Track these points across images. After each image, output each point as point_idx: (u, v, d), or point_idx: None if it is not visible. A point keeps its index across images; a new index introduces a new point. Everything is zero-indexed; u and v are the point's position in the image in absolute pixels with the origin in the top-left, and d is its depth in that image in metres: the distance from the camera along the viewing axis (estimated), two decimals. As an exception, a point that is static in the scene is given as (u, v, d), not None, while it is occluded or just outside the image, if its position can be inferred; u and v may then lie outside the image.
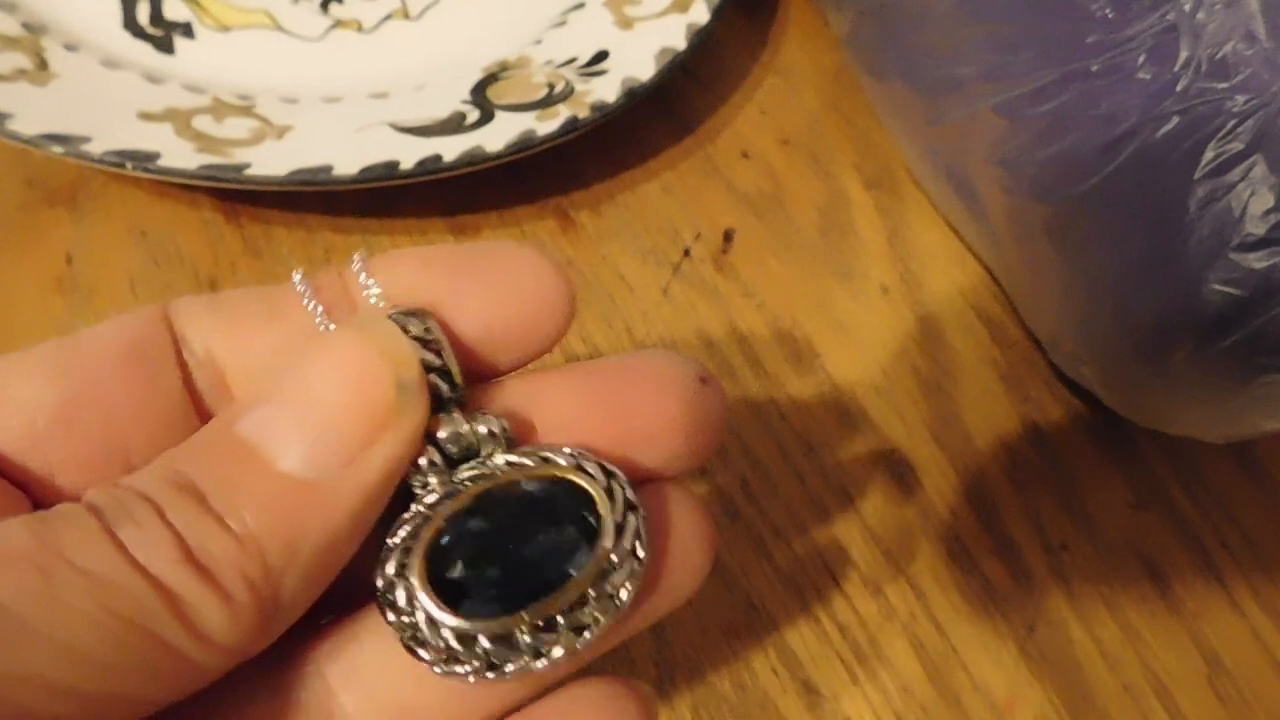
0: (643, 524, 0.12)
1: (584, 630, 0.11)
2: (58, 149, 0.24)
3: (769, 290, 0.29)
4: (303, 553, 0.10)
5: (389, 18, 0.31)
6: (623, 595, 0.11)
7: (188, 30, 0.30)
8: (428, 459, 0.12)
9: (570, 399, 0.12)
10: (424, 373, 0.11)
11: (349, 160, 0.25)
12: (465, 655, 0.11)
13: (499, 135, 0.26)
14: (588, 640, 0.11)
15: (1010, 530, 0.26)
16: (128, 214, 0.28)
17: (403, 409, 0.11)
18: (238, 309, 0.13)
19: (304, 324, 0.12)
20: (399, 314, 0.12)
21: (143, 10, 0.30)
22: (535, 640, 0.11)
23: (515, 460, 0.12)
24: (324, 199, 0.29)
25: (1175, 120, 0.19)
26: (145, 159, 0.24)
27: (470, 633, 0.11)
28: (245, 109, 0.27)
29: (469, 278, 0.12)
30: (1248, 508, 0.27)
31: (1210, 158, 0.19)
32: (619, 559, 0.11)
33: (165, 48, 0.29)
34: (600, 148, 0.30)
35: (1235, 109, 0.18)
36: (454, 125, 0.27)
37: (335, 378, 0.11)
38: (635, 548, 0.12)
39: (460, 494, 0.12)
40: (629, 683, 0.12)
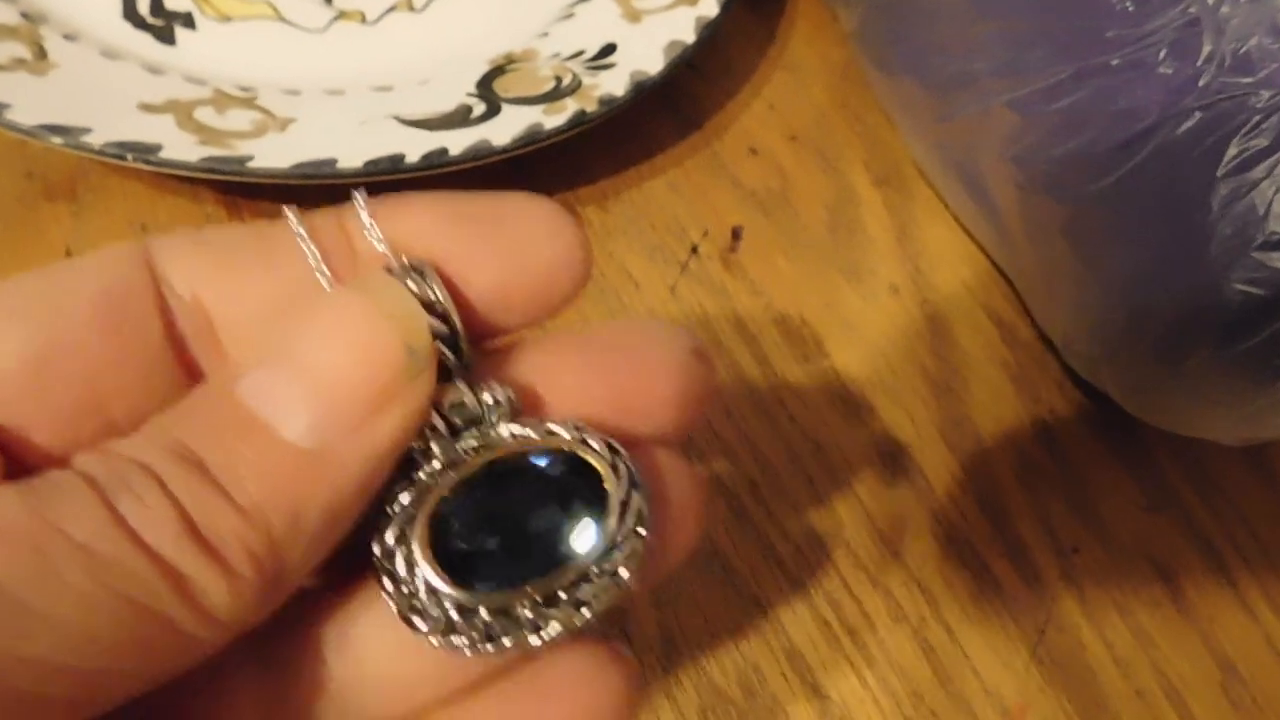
0: (646, 502, 0.11)
1: (583, 606, 0.11)
2: (57, 140, 0.23)
3: (777, 288, 0.28)
4: (306, 524, 0.10)
5: (393, 9, 0.31)
6: (624, 573, 0.11)
7: (189, 21, 0.29)
8: (430, 425, 0.11)
9: (566, 368, 0.12)
10: (433, 340, 0.11)
11: (353, 153, 0.25)
12: (463, 627, 0.11)
13: (506, 129, 0.26)
14: (586, 617, 0.11)
15: (1021, 533, 0.25)
16: (128, 207, 0.28)
17: (411, 377, 0.10)
18: (227, 250, 0.12)
19: (301, 272, 0.11)
20: (402, 269, 0.11)
21: (143, 0, 0.29)
22: (535, 615, 0.11)
23: (519, 432, 0.11)
24: (327, 193, 0.28)
25: (1197, 116, 0.19)
26: (146, 151, 0.24)
27: (470, 604, 0.11)
28: (247, 101, 0.27)
29: (483, 231, 0.12)
30: (1261, 510, 0.26)
31: (1233, 154, 0.18)
32: (622, 537, 0.11)
33: (166, 38, 0.29)
34: (606, 144, 0.30)
35: (1259, 105, 0.18)
36: (460, 118, 0.26)
37: (341, 342, 0.10)
38: (638, 526, 0.11)
39: (464, 463, 0.11)
40: (611, 646, 0.12)
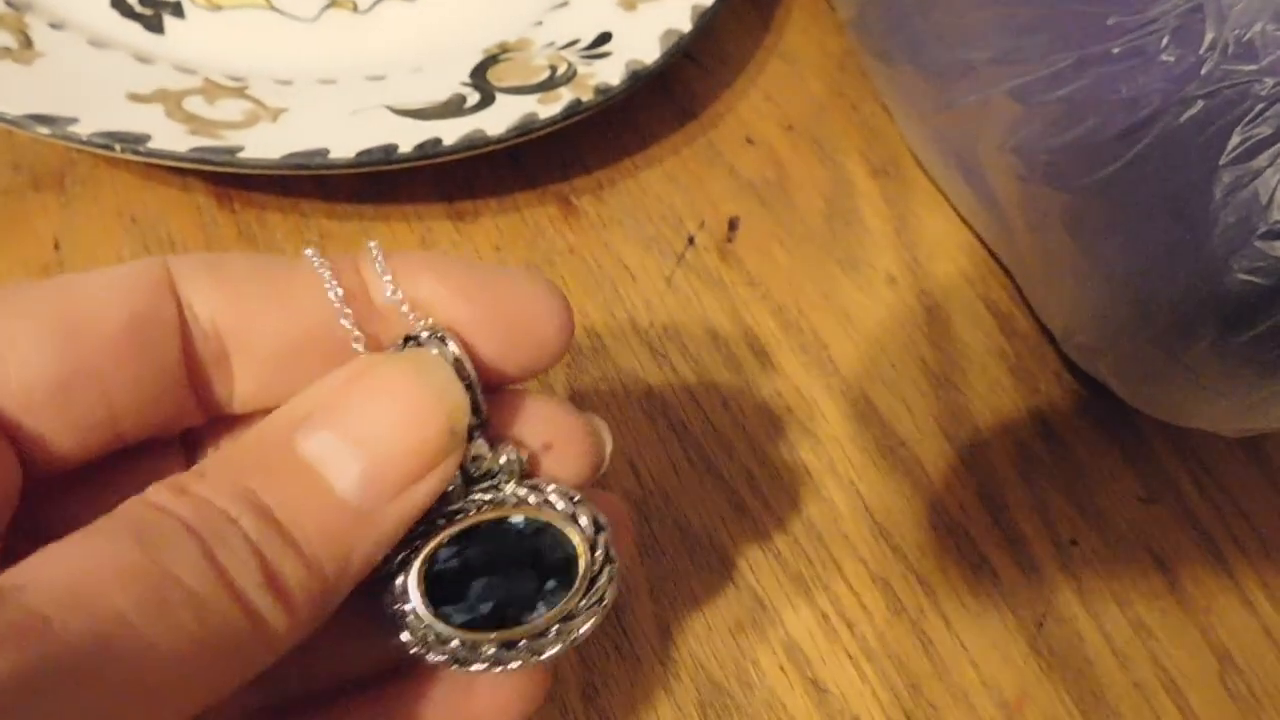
0: (614, 578, 0.13)
1: (539, 655, 0.13)
2: (44, 130, 0.23)
3: (774, 280, 0.28)
4: (351, 570, 0.12)
5: (385, -2, 0.30)
6: (582, 630, 0.13)
7: (178, 9, 0.29)
8: None
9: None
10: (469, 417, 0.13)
11: (345, 143, 0.24)
12: (439, 649, 0.13)
13: (500, 118, 0.25)
14: (543, 660, 0.13)
15: (1019, 524, 0.25)
16: (117, 198, 0.27)
17: (449, 453, 0.12)
18: (242, 281, 0.13)
19: (317, 310, 0.13)
20: (431, 337, 0.13)
21: (131, -12, 0.29)
22: (498, 653, 0.13)
23: (522, 495, 0.13)
24: (319, 183, 0.28)
25: (1200, 104, 0.19)
26: (135, 141, 0.23)
27: (446, 636, 0.13)
28: (238, 90, 0.26)
29: (491, 303, 0.13)
30: (1259, 501, 0.26)
31: (1236, 143, 0.18)
32: (586, 606, 0.13)
33: (155, 27, 0.28)
34: (601, 133, 0.30)
35: (1263, 92, 0.18)
36: (454, 108, 0.26)
37: (395, 417, 0.12)
38: (601, 600, 0.13)
39: (470, 514, 0.13)
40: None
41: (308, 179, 0.27)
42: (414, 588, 0.13)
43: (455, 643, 0.13)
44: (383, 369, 0.12)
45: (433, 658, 0.13)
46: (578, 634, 0.13)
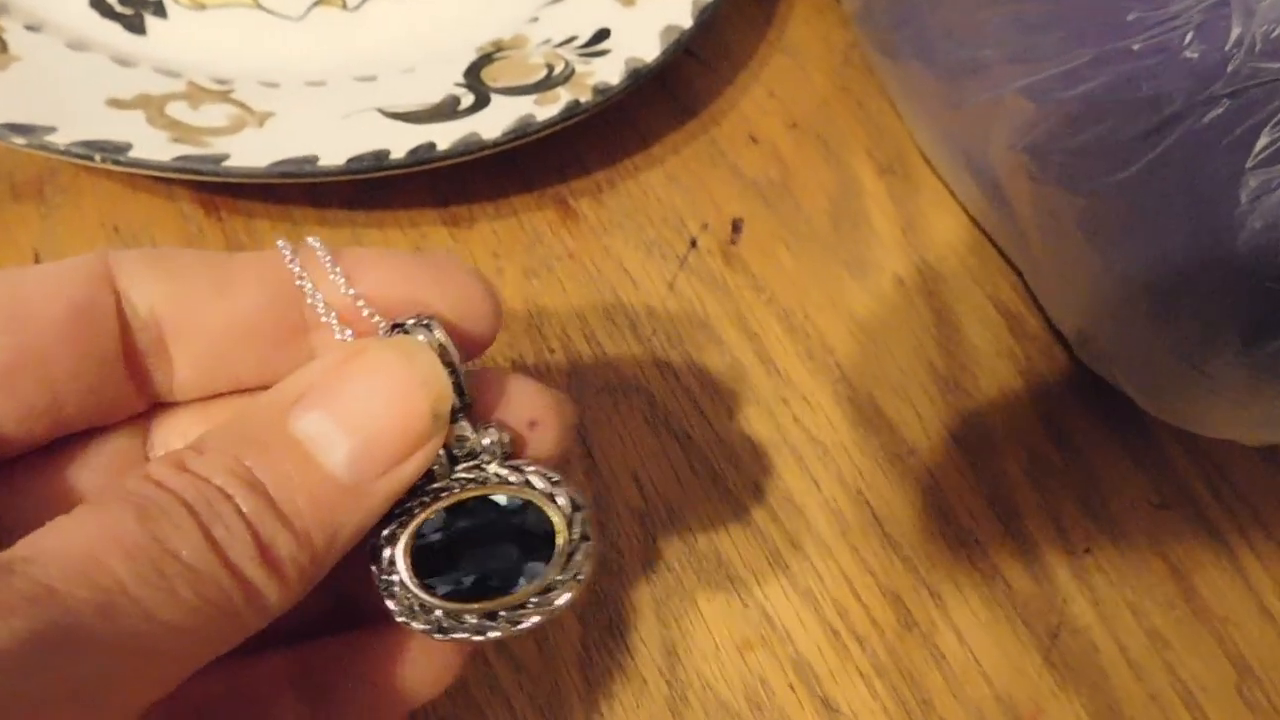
0: (591, 554, 0.14)
1: (518, 625, 0.14)
2: (19, 140, 0.22)
3: (779, 283, 0.28)
4: (338, 543, 0.12)
5: (375, -6, 0.29)
6: (558, 603, 0.14)
7: (159, 8, 0.28)
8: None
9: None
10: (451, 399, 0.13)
11: (335, 149, 0.24)
12: (424, 618, 0.13)
13: (496, 121, 0.25)
14: (521, 629, 0.14)
15: (1032, 533, 0.25)
16: (99, 208, 0.26)
17: (432, 435, 0.13)
18: (181, 273, 0.13)
19: (253, 301, 0.14)
20: (416, 323, 0.13)
21: (111, -13, 0.28)
22: (479, 623, 0.13)
23: (504, 475, 0.14)
24: (309, 190, 0.27)
25: (1225, 104, 0.18)
26: (115, 150, 0.22)
27: (430, 605, 0.13)
28: (223, 94, 0.25)
29: (435, 288, 0.14)
30: (1274, 506, 0.26)
31: (1264, 144, 0.17)
32: (561, 580, 0.14)
33: (136, 28, 0.27)
34: (600, 133, 0.29)
35: (1293, 94, 0.17)
36: (447, 111, 0.25)
37: (383, 400, 0.12)
38: (578, 574, 0.14)
39: (455, 491, 0.14)
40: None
41: (297, 186, 0.27)
42: (401, 560, 0.13)
43: (439, 612, 0.13)
44: (371, 354, 0.13)
45: (417, 626, 0.13)
46: (555, 606, 0.14)
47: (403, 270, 0.14)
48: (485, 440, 0.14)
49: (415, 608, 0.13)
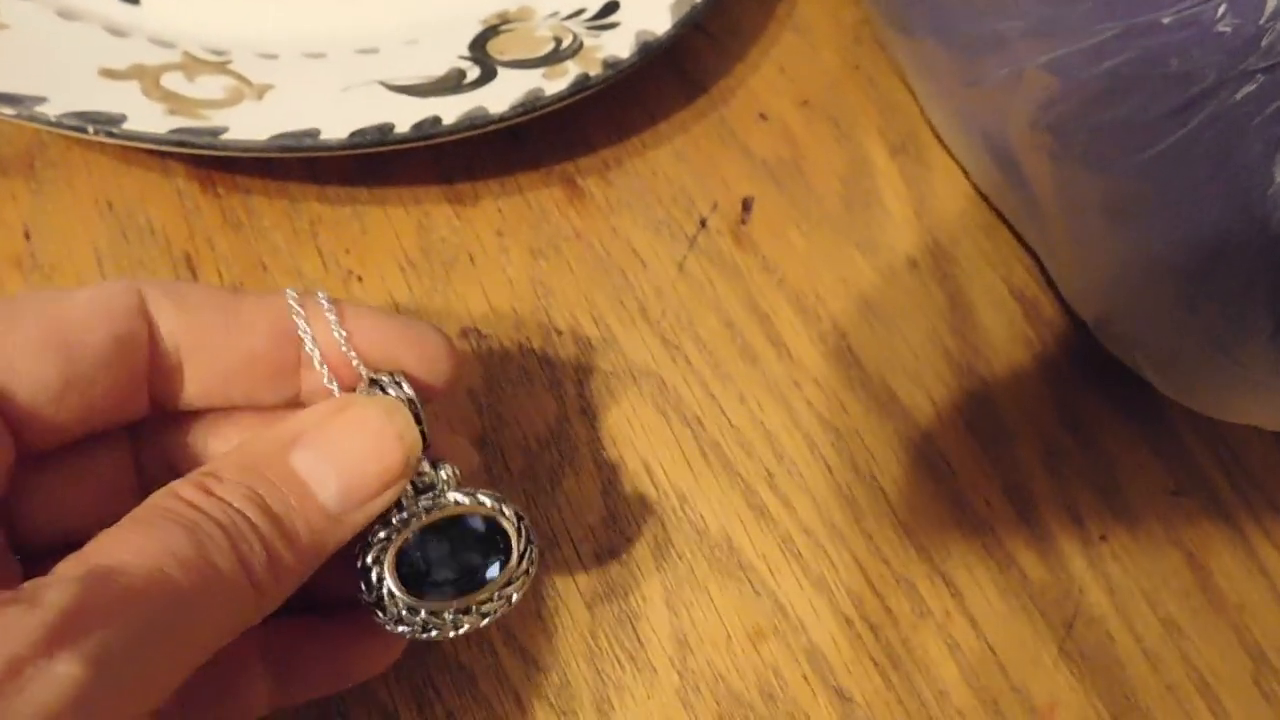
0: (536, 552, 0.18)
1: (486, 617, 0.17)
2: (9, 111, 0.21)
3: (790, 265, 0.27)
4: (322, 556, 0.15)
5: (376, -36, 0.28)
6: (514, 596, 0.18)
7: (153, -23, 0.27)
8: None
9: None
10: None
11: (337, 123, 0.23)
12: (409, 621, 0.17)
13: (502, 95, 0.24)
14: (487, 621, 0.17)
15: (1047, 521, 0.24)
16: (92, 183, 0.26)
17: (403, 476, 0.16)
18: (199, 308, 0.16)
19: (255, 339, 0.16)
20: (391, 380, 0.17)
21: (103, -46, 0.27)
22: (455, 618, 0.17)
23: (460, 499, 0.17)
24: (308, 166, 0.26)
25: (1259, 80, 0.18)
26: (109, 122, 0.22)
27: (415, 608, 0.17)
28: (220, 66, 0.25)
29: (409, 346, 0.17)
30: (1291, 494, 0.25)
31: (1302, 124, 0.17)
32: (517, 576, 0.17)
33: (129, -3, 0.26)
34: (607, 109, 0.28)
35: (1335, 69, 0.16)
36: (452, 84, 0.24)
37: (368, 448, 0.15)
38: (529, 568, 0.18)
39: (421, 516, 0.17)
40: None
41: (297, 161, 0.26)
42: (389, 576, 0.16)
43: (422, 614, 0.17)
44: (359, 409, 0.16)
45: (403, 630, 0.17)
46: (511, 599, 0.17)
47: (385, 328, 0.17)
48: (442, 474, 0.17)
49: (403, 614, 0.16)
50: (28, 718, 0.11)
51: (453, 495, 0.17)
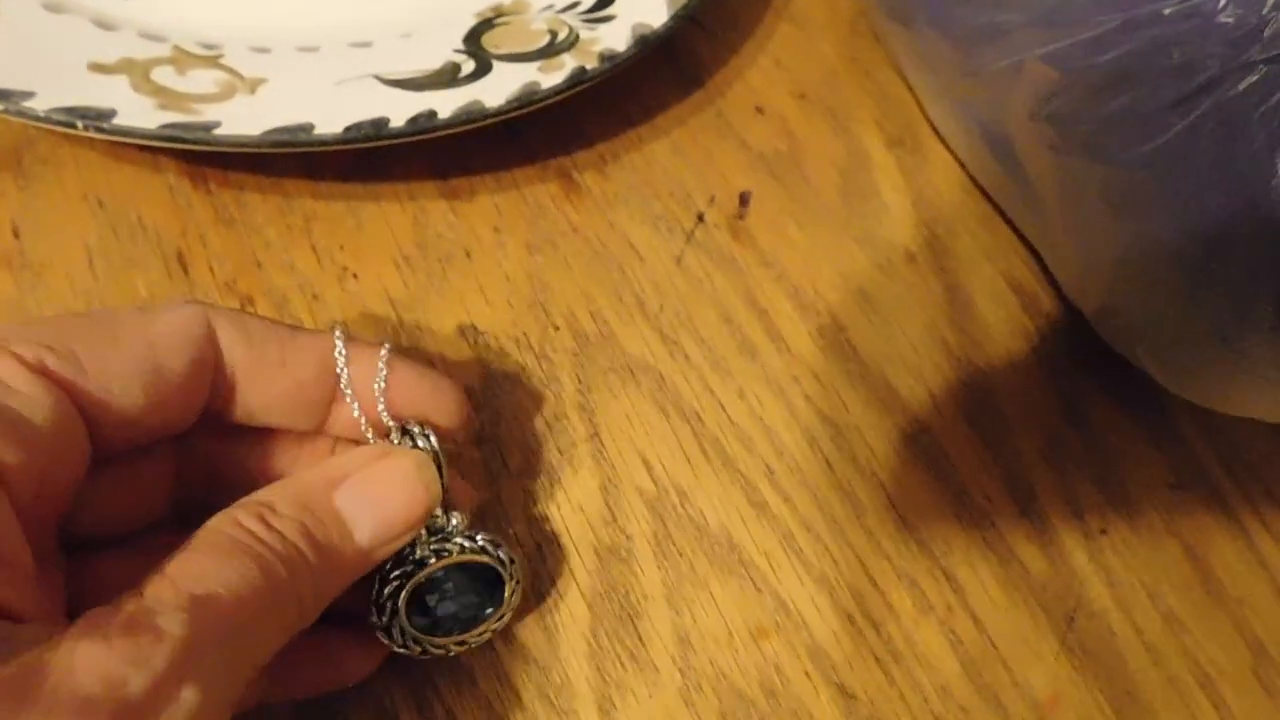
0: (520, 590, 0.20)
1: (475, 642, 0.20)
2: (-4, 106, 0.21)
3: (789, 258, 0.27)
4: (347, 585, 0.17)
5: (368, -44, 0.28)
6: (500, 626, 0.20)
7: (142, -30, 0.26)
8: None
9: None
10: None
11: (331, 118, 0.22)
12: (413, 647, 0.19)
13: (498, 89, 0.24)
14: (475, 647, 0.20)
15: (1048, 514, 0.24)
16: (81, 180, 0.25)
17: (423, 522, 0.18)
18: (261, 345, 0.18)
19: (303, 374, 0.18)
20: (420, 431, 0.19)
21: (91, -53, 0.26)
22: (452, 645, 0.20)
23: (465, 543, 0.19)
24: (303, 161, 0.26)
25: (1262, 70, 0.17)
26: (99, 117, 0.21)
27: (423, 642, 0.19)
28: (211, 60, 0.24)
29: (432, 398, 0.20)
30: (1290, 486, 0.25)
31: (1306, 114, 0.17)
32: (505, 612, 0.20)
33: (118, -10, 0.26)
34: (603, 103, 0.28)
35: (1339, 59, 0.16)
36: (447, 78, 0.24)
37: (401, 497, 0.18)
38: (514, 604, 0.20)
39: (431, 562, 0.19)
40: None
41: (290, 156, 0.26)
42: (403, 613, 0.19)
43: (427, 645, 0.19)
44: (397, 460, 0.18)
45: (403, 651, 0.19)
46: (499, 627, 0.20)
47: (413, 378, 0.19)
48: (453, 520, 0.19)
49: (408, 642, 0.19)
50: None
51: (457, 540, 0.19)
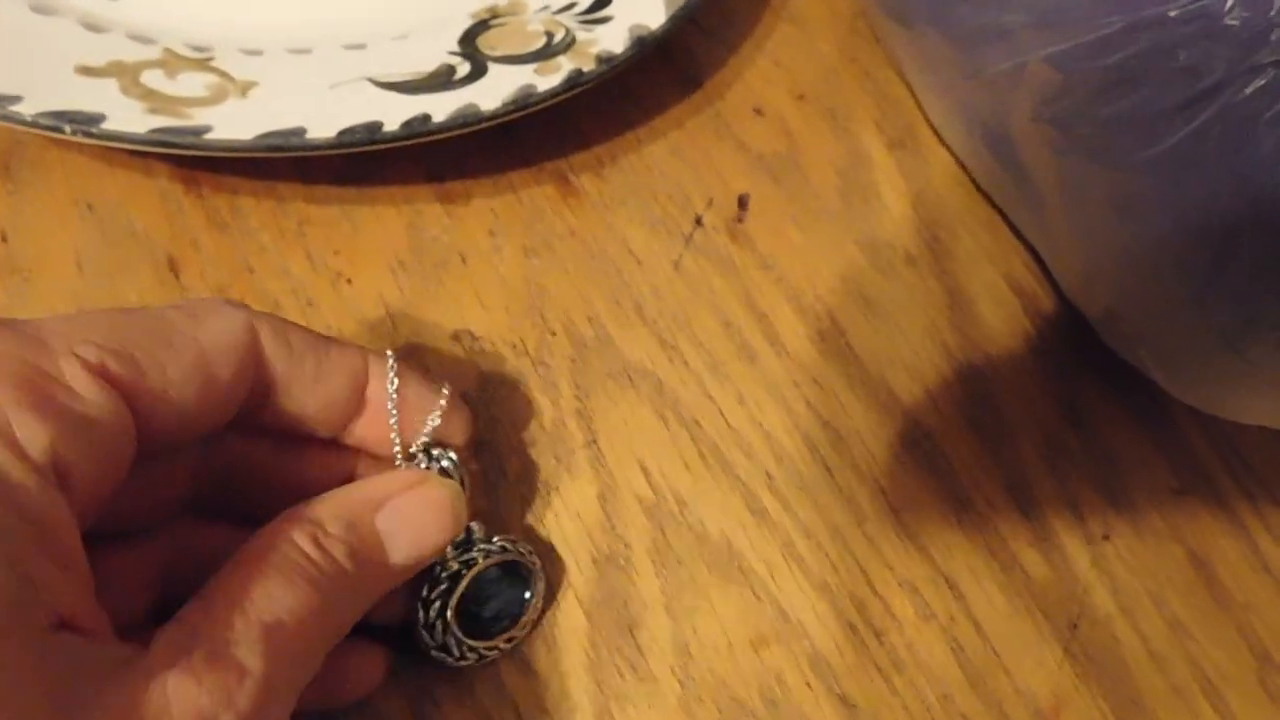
0: (542, 590, 0.21)
1: (507, 645, 0.21)
2: (-17, 110, 0.21)
3: (788, 261, 0.26)
4: (382, 594, 0.19)
5: (362, -43, 0.28)
6: (537, 616, 0.21)
7: (132, -30, 0.26)
8: None
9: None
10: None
11: (325, 121, 0.22)
12: (470, 657, 0.20)
13: (494, 91, 0.23)
14: (509, 649, 0.21)
15: (1050, 520, 0.24)
16: (71, 185, 0.25)
17: (448, 544, 0.19)
18: (300, 357, 0.19)
19: (338, 385, 0.19)
20: (443, 452, 0.20)
21: (80, -53, 0.26)
22: (488, 649, 0.21)
23: (489, 549, 0.21)
24: (296, 164, 0.26)
25: (1269, 74, 0.17)
26: (87, 121, 0.21)
27: (474, 648, 0.20)
28: (202, 62, 0.24)
29: (446, 416, 0.21)
30: (1294, 490, 0.25)
31: (1315, 118, 0.16)
32: (535, 614, 0.21)
33: (107, -9, 0.26)
34: (600, 104, 0.28)
35: (1349, 62, 0.16)
36: (442, 80, 0.24)
37: (435, 523, 0.19)
38: (540, 605, 0.21)
39: (460, 570, 0.20)
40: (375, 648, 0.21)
41: (284, 160, 0.25)
42: (452, 623, 0.20)
43: (464, 650, 0.20)
44: (433, 489, 0.19)
45: (442, 657, 0.20)
46: (536, 617, 0.21)
47: (424, 392, 0.20)
48: (476, 532, 0.21)
49: (465, 654, 0.20)
50: None
51: (479, 549, 0.20)
